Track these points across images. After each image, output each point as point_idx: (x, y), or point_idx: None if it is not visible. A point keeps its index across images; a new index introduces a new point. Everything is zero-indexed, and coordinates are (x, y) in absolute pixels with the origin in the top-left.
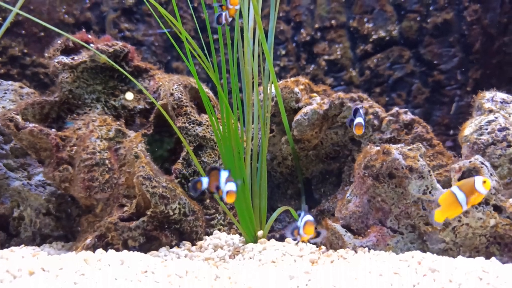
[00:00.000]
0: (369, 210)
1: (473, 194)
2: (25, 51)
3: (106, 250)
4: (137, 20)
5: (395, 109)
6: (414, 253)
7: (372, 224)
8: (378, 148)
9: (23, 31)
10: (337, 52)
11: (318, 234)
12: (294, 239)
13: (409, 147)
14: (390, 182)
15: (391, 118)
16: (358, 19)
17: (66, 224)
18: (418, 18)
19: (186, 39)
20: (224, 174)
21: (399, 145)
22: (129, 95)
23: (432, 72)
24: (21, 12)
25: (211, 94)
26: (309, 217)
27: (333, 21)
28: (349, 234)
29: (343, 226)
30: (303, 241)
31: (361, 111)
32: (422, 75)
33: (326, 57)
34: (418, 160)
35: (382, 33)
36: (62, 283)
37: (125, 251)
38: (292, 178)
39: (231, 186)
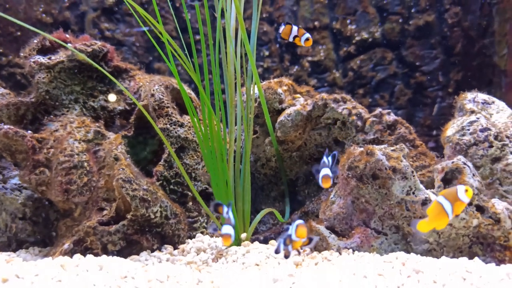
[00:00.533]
0: (353, 211)
1: (456, 203)
2: (1, 50)
3: (84, 255)
4: (117, 20)
5: (378, 110)
6: (398, 254)
7: (356, 226)
8: (362, 149)
9: None
10: (320, 54)
11: (310, 240)
12: (285, 255)
13: (392, 148)
14: (373, 183)
15: (374, 119)
16: (341, 21)
17: (43, 229)
18: (400, 20)
19: (167, 40)
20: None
21: (382, 146)
22: (112, 97)
23: (414, 73)
24: None
25: (193, 95)
26: (300, 221)
27: (316, 23)
28: (333, 235)
29: (327, 228)
30: (296, 249)
31: (327, 158)
32: (405, 76)
33: (309, 58)
34: (401, 161)
35: (365, 35)
36: None
37: (104, 256)
38: (276, 180)
39: (228, 229)
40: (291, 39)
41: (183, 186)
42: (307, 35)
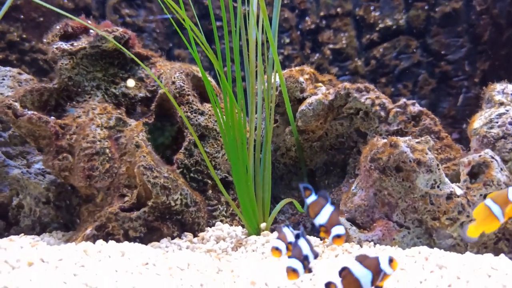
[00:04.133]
0: (375, 204)
1: (507, 206)
2: (24, 36)
3: (106, 240)
4: (138, 6)
5: (403, 100)
6: (421, 249)
7: (378, 218)
8: (385, 140)
9: (22, 16)
10: (342, 41)
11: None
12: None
13: (417, 140)
14: (397, 175)
15: (398, 109)
16: (364, 7)
17: (65, 213)
18: (426, 7)
19: (190, 26)
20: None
21: (407, 138)
22: (131, 82)
23: (439, 62)
24: None
25: (213, 83)
26: (340, 230)
27: (338, 9)
28: (354, 227)
29: (348, 220)
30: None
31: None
32: (429, 65)
33: (331, 46)
34: (427, 154)
35: (389, 22)
36: (61, 275)
37: (126, 242)
38: (296, 170)
39: (339, 230)
40: None
41: (203, 174)
42: None
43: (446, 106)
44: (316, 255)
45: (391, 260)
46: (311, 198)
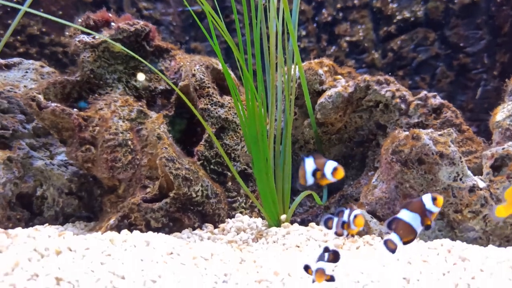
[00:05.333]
0: (396, 196)
1: None
2: (44, 30)
3: (129, 230)
4: None
5: (424, 93)
6: (443, 241)
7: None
8: (407, 133)
9: (41, 10)
10: (359, 33)
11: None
12: (339, 234)
13: (439, 132)
14: (419, 168)
15: (419, 102)
16: None
17: (88, 204)
18: None
19: (212, 17)
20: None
21: (429, 130)
22: (141, 76)
23: (457, 55)
24: None
25: (233, 75)
26: (358, 211)
27: (355, 1)
28: (375, 220)
29: (368, 212)
30: (352, 235)
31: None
32: (447, 58)
33: (347, 38)
34: (449, 146)
35: (406, 14)
36: (89, 263)
37: (150, 232)
38: None
39: (333, 164)
40: None
41: (223, 166)
42: None
43: (464, 99)
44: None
45: (434, 199)
46: (346, 214)
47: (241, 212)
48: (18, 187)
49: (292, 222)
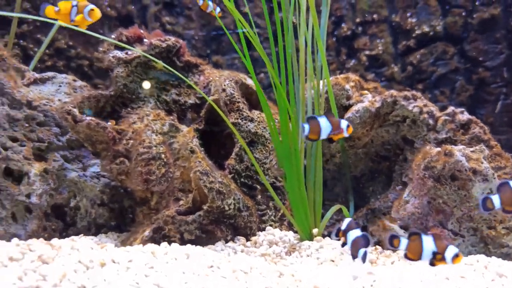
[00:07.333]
0: (429, 212)
1: None
2: (70, 43)
3: (164, 242)
4: (177, 14)
5: (451, 108)
6: (479, 257)
7: (432, 226)
8: (439, 149)
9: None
10: (378, 47)
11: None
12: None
13: (471, 149)
14: (452, 184)
15: (446, 117)
16: (401, 14)
17: (118, 215)
18: (463, 13)
19: (247, 32)
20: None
21: (461, 147)
22: (146, 84)
23: (476, 69)
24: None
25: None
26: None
27: (374, 16)
28: None
29: (401, 227)
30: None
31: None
32: (467, 72)
33: (367, 52)
34: (482, 162)
35: (425, 28)
36: (133, 276)
37: (189, 245)
38: (340, 176)
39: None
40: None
41: (252, 180)
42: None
43: (484, 113)
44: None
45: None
46: (404, 243)
47: (270, 225)
48: (53, 198)
49: (324, 236)
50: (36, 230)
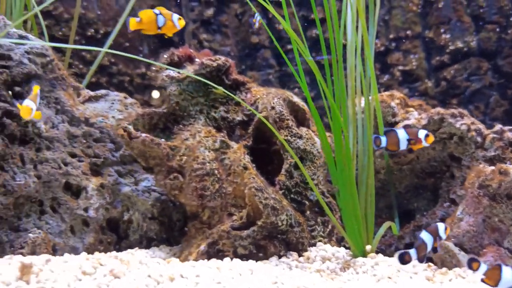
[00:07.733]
0: (484, 230)
1: None
2: (112, 60)
3: (218, 257)
4: (214, 31)
5: (499, 126)
6: None
7: (487, 244)
8: (493, 167)
9: (112, 42)
10: (412, 63)
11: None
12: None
13: None
14: (508, 202)
15: (494, 135)
16: (434, 30)
17: (168, 228)
18: (497, 29)
19: (300, 50)
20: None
21: None
22: (155, 94)
23: (511, 84)
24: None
25: (306, 107)
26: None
27: (408, 32)
28: (463, 253)
29: (455, 245)
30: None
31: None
32: (501, 87)
33: (400, 67)
34: None
35: (459, 44)
36: None
37: (250, 260)
38: (384, 192)
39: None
40: None
41: (301, 196)
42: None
43: None
44: None
45: None
46: (483, 268)
47: (319, 241)
48: (108, 212)
49: (378, 252)
50: (93, 243)
